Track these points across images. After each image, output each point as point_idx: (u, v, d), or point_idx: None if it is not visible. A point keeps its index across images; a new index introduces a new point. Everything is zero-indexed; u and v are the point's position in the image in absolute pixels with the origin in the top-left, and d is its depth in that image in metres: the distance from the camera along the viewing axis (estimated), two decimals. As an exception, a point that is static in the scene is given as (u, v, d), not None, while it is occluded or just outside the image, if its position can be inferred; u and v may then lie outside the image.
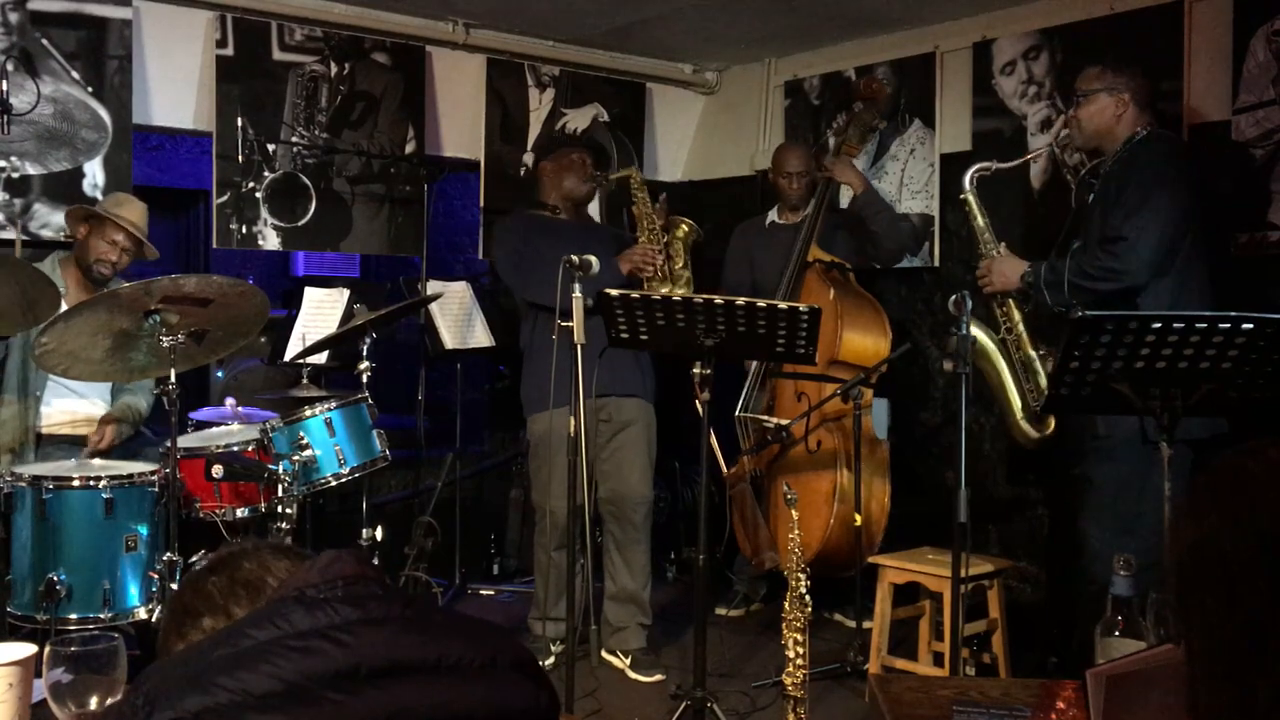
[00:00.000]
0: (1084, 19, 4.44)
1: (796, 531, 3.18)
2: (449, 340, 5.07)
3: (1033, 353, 3.69)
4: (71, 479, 3.34)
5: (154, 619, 3.36)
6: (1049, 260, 3.60)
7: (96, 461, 3.63)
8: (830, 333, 4.31)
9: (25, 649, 1.54)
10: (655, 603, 4.43)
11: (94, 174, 4.40)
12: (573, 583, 3.66)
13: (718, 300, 3.22)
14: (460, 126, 5.38)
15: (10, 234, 4.27)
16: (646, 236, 4.24)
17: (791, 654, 3.16)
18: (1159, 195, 3.40)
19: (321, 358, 4.45)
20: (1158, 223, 3.37)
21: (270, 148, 4.78)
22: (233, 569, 1.28)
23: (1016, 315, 3.73)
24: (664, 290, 4.10)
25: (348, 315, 4.61)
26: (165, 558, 3.31)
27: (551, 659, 4.10)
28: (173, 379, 3.28)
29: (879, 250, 4.69)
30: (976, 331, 3.62)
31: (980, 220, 3.80)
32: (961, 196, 3.84)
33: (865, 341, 4.43)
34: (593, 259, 3.56)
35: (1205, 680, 0.87)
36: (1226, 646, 0.85)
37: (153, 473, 3.44)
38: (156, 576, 3.36)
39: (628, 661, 4.17)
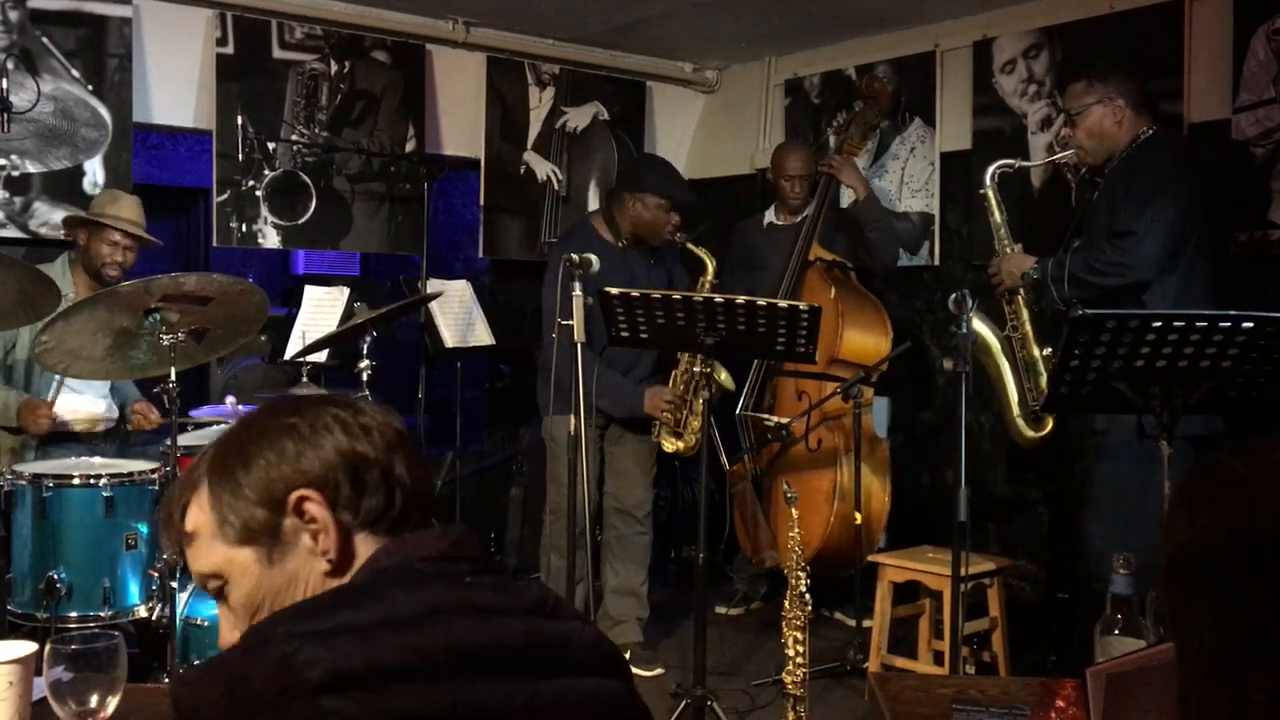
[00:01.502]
0: (1084, 18, 4.44)
1: (797, 530, 3.18)
2: (449, 339, 5.06)
3: (1037, 353, 3.68)
4: (72, 477, 3.34)
5: (154, 617, 3.36)
6: (1055, 256, 3.59)
7: (97, 460, 3.63)
8: (831, 331, 4.31)
9: (25, 647, 1.54)
10: (655, 601, 4.44)
11: (94, 172, 4.40)
12: (572, 579, 3.66)
13: (718, 299, 3.22)
14: (460, 125, 5.38)
15: (10, 232, 4.27)
16: (682, 380, 4.12)
17: (791, 652, 3.16)
18: (1167, 192, 3.40)
19: (321, 356, 4.45)
20: (1166, 219, 3.37)
21: (270, 146, 4.78)
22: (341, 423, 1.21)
23: (1025, 314, 3.71)
24: (668, 445, 4.13)
25: (348, 314, 4.61)
26: (165, 556, 3.31)
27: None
28: (173, 377, 3.27)
29: (871, 259, 4.66)
30: (979, 327, 3.62)
31: (998, 217, 3.78)
32: (981, 191, 3.82)
33: (866, 340, 4.43)
34: (593, 258, 3.56)
35: (1196, 683, 0.87)
36: (1217, 650, 0.85)
37: (153, 471, 3.44)
38: (156, 575, 3.36)
39: (626, 656, 4.16)
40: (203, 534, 1.20)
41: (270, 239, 4.87)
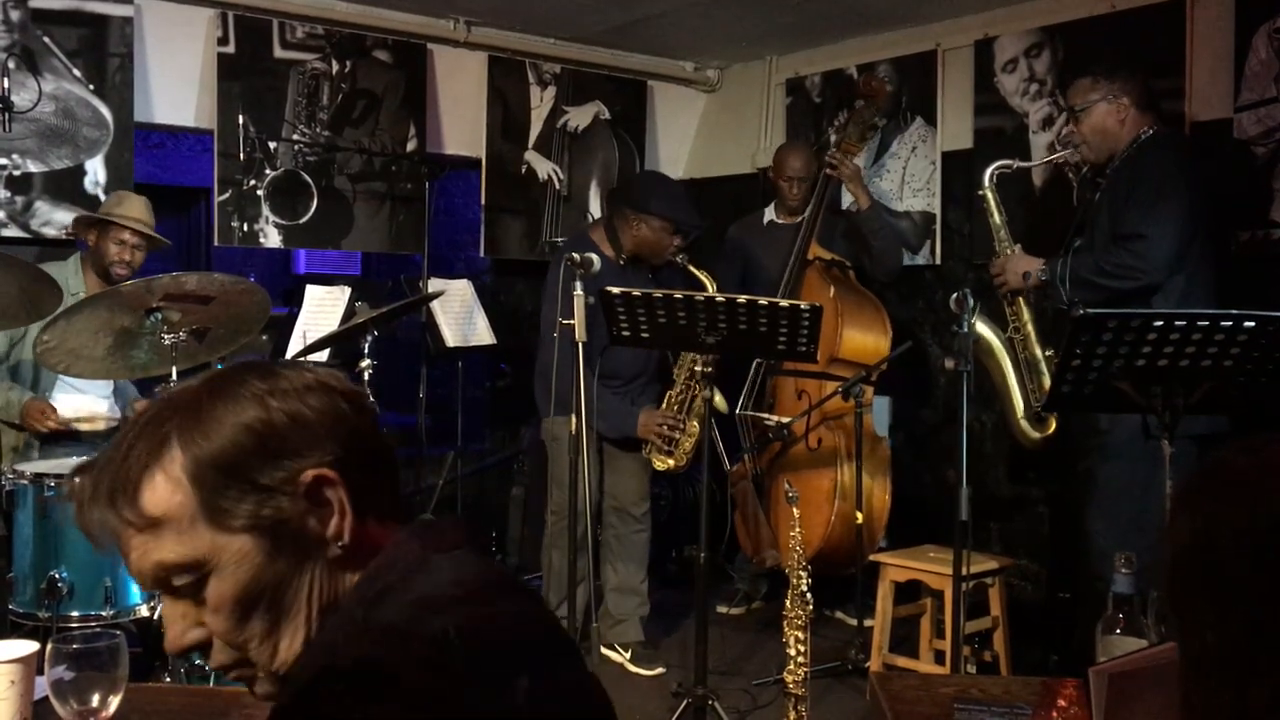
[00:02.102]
0: (1085, 17, 4.44)
1: (798, 529, 3.18)
2: (450, 338, 5.07)
3: (1039, 353, 3.68)
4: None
5: (155, 616, 3.36)
6: (1061, 258, 3.59)
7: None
8: (830, 331, 4.31)
9: (27, 646, 1.54)
10: (656, 600, 4.44)
11: (95, 172, 4.41)
12: (574, 580, 3.66)
13: (719, 298, 3.22)
14: (461, 124, 5.38)
15: (12, 231, 4.27)
16: (676, 402, 4.14)
17: (793, 652, 3.16)
18: (1173, 193, 3.40)
19: (323, 355, 4.45)
20: (1174, 220, 3.37)
21: (271, 145, 4.78)
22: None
23: (1026, 315, 3.72)
24: (659, 464, 4.15)
25: (349, 313, 4.61)
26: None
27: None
28: (174, 377, 3.27)
29: (875, 267, 4.66)
30: (982, 329, 3.62)
31: (997, 218, 3.79)
32: (980, 193, 3.83)
33: (865, 339, 4.43)
34: (594, 258, 3.56)
35: (1198, 682, 0.87)
36: (1219, 650, 0.85)
37: (154, 470, 3.44)
38: (158, 574, 3.36)
39: (627, 655, 4.18)
40: (177, 518, 1.02)
41: (271, 238, 4.87)
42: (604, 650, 4.17)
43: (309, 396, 1.06)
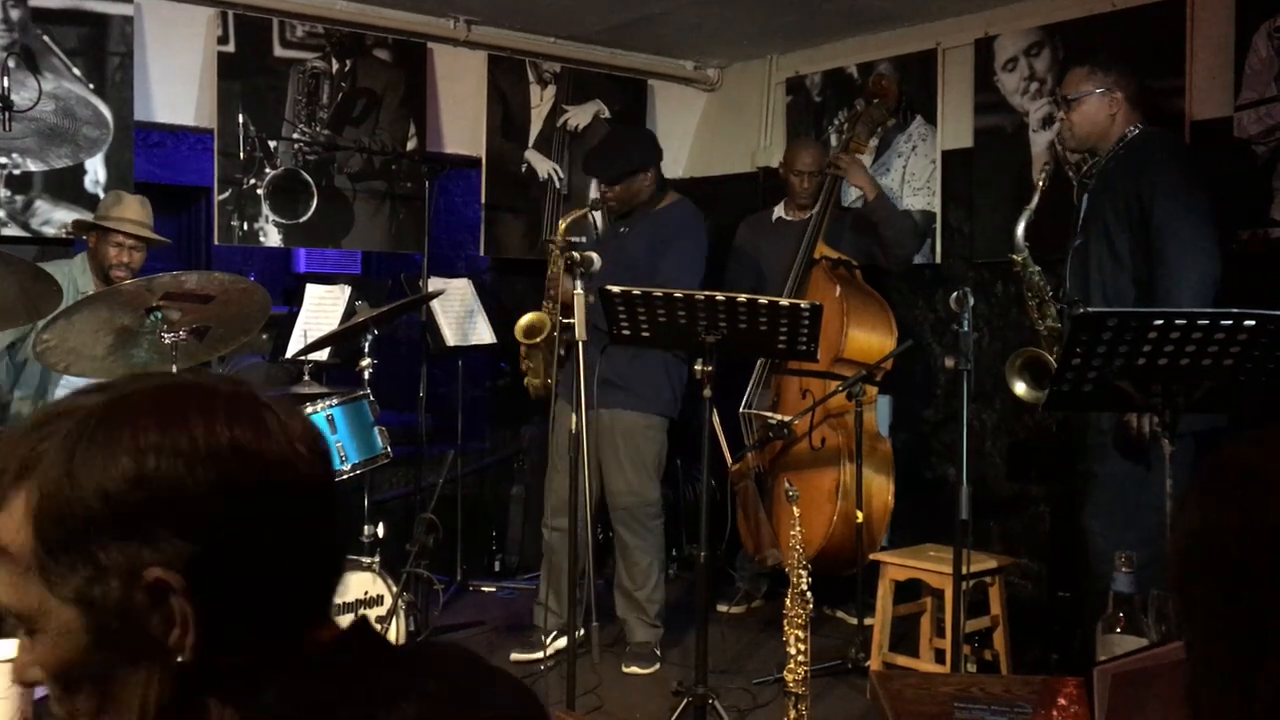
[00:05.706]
0: (1085, 15, 4.45)
1: (798, 528, 3.18)
2: (450, 337, 5.07)
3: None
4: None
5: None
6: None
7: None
8: (836, 330, 4.31)
9: (28, 645, 1.54)
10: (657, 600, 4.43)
11: (95, 171, 4.40)
12: (574, 581, 3.66)
13: (719, 297, 3.21)
14: (461, 123, 5.38)
15: (12, 230, 4.27)
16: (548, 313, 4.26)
17: (793, 650, 3.16)
18: (1194, 191, 3.40)
19: (323, 354, 4.45)
20: (1209, 212, 3.37)
21: (271, 144, 4.78)
22: None
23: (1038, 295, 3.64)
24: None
25: (349, 312, 4.61)
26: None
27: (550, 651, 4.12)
28: (174, 376, 3.27)
29: (889, 257, 4.68)
30: (1021, 390, 3.52)
31: (1041, 279, 3.54)
32: (1018, 258, 3.54)
33: (871, 339, 4.43)
34: (594, 256, 3.56)
35: (1205, 674, 0.87)
36: (1228, 641, 0.85)
37: (155, 469, 3.44)
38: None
39: (628, 654, 4.18)
40: (17, 557, 0.87)
41: (272, 237, 4.87)
42: (605, 650, 4.17)
43: (208, 465, 0.85)
